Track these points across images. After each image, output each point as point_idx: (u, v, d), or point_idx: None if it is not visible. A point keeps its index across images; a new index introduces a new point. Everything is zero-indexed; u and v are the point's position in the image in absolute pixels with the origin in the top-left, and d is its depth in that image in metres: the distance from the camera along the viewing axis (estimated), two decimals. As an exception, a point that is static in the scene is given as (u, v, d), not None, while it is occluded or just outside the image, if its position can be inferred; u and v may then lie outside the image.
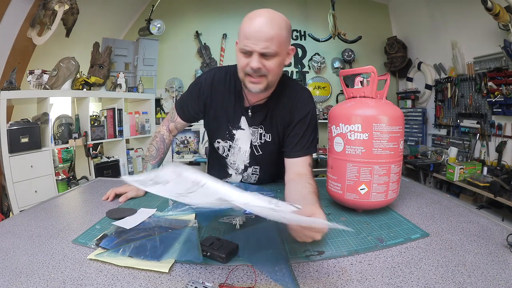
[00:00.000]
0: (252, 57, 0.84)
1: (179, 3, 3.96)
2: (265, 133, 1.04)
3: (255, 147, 1.07)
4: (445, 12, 3.29)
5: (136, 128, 3.35)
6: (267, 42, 0.82)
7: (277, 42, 0.83)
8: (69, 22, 2.71)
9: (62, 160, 2.90)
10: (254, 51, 0.83)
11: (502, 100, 2.59)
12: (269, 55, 0.84)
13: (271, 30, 0.82)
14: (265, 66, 0.85)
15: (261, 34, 0.81)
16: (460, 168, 2.60)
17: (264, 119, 1.02)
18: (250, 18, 0.85)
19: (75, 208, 1.04)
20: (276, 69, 0.87)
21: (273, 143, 1.06)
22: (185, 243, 0.69)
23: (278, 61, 0.87)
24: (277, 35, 0.83)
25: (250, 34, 0.82)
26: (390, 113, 0.84)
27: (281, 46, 0.85)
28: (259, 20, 0.83)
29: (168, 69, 3.93)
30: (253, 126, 1.04)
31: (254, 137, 1.06)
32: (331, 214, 0.90)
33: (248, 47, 0.83)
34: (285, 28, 0.86)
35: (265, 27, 0.82)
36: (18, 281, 0.58)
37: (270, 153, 1.08)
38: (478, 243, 0.70)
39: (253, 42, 0.82)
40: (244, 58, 0.86)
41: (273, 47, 0.83)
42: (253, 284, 0.57)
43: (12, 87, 2.20)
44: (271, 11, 0.86)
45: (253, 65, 0.84)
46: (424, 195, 1.07)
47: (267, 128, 1.04)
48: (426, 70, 3.65)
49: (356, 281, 0.57)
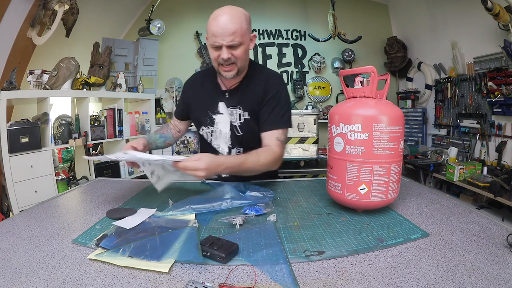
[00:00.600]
0: (221, 50, 1.00)
1: (179, 3, 3.96)
2: (243, 111, 1.15)
3: (236, 128, 1.17)
4: (445, 12, 3.29)
5: (136, 128, 3.35)
6: (232, 36, 0.98)
7: (240, 34, 0.99)
8: (69, 22, 2.71)
9: (62, 160, 2.90)
10: (222, 45, 0.99)
11: (502, 100, 2.59)
12: (235, 46, 1.00)
13: (233, 25, 0.98)
14: (233, 55, 1.02)
15: (226, 30, 0.97)
16: (460, 168, 2.60)
17: (240, 98, 1.15)
18: (214, 17, 0.99)
19: (75, 208, 1.04)
20: (242, 55, 1.04)
21: (252, 121, 1.15)
22: (185, 243, 0.69)
23: (244, 49, 1.03)
24: (238, 28, 0.98)
25: (216, 31, 0.98)
26: (390, 113, 0.84)
27: (244, 36, 1.01)
28: (222, 19, 0.98)
29: (168, 69, 3.94)
30: (232, 106, 1.16)
31: (233, 118, 1.16)
32: (331, 214, 0.90)
33: (217, 43, 0.99)
34: (244, 21, 1.01)
35: (228, 24, 0.97)
36: (18, 281, 0.58)
37: (251, 132, 1.16)
38: (478, 243, 0.70)
39: (220, 38, 0.98)
40: (215, 52, 1.02)
41: (237, 38, 0.99)
42: (253, 284, 0.57)
43: (12, 87, 2.20)
44: (231, 7, 1.01)
45: (224, 56, 1.00)
46: (424, 195, 1.07)
47: (244, 106, 1.15)
48: (426, 70, 3.65)
49: (356, 281, 0.57)
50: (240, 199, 0.98)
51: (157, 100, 3.71)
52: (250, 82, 1.15)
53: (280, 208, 0.95)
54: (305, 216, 0.88)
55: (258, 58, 4.11)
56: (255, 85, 1.14)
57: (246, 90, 1.14)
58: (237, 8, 1.02)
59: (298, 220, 0.85)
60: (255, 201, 0.97)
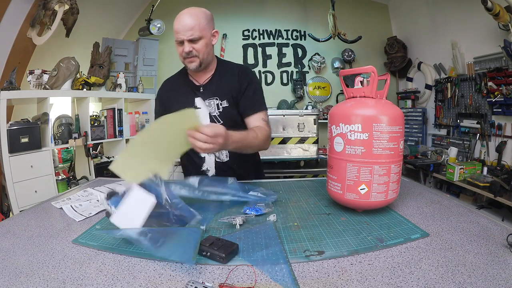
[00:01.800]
0: (184, 44, 1.12)
1: (179, 3, 3.92)
2: (221, 101, 1.22)
3: (216, 118, 1.21)
4: (445, 12, 3.29)
5: (136, 128, 3.35)
6: (191, 31, 1.09)
7: (198, 29, 1.10)
8: (69, 22, 2.71)
9: (62, 160, 2.90)
10: (183, 40, 1.11)
11: (502, 100, 2.59)
12: (195, 39, 1.11)
13: (192, 21, 1.09)
14: (194, 48, 1.13)
15: (185, 27, 1.09)
16: (460, 168, 2.60)
17: (216, 89, 1.23)
18: (177, 17, 1.12)
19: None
20: (203, 48, 1.14)
21: (231, 107, 1.22)
22: (184, 242, 0.69)
23: (204, 43, 1.14)
24: (196, 24, 1.10)
25: (178, 28, 1.10)
26: (390, 113, 0.84)
27: (203, 31, 1.12)
28: (182, 17, 1.11)
29: (168, 69, 3.89)
30: (209, 98, 1.22)
31: (212, 108, 1.22)
32: (331, 214, 0.90)
33: (179, 38, 1.11)
34: (203, 18, 1.13)
35: (187, 21, 1.09)
36: (18, 281, 0.58)
37: (231, 118, 1.21)
38: (478, 243, 0.70)
39: (182, 34, 1.10)
40: (179, 47, 1.14)
41: (196, 33, 1.10)
42: (253, 284, 0.57)
43: (12, 87, 2.20)
44: (192, 8, 1.14)
45: (186, 50, 1.12)
46: (424, 195, 1.07)
47: (221, 96, 1.22)
48: (426, 70, 3.65)
49: (356, 281, 0.57)
50: (241, 198, 0.98)
51: (157, 100, 3.70)
52: (222, 75, 1.25)
53: (280, 208, 0.95)
54: (305, 216, 0.88)
55: (258, 58, 4.11)
56: (228, 76, 1.25)
57: (220, 81, 1.24)
58: (198, 8, 1.15)
59: (298, 220, 0.85)
60: (256, 200, 0.97)
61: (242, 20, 4.07)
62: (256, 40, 4.11)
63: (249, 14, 4.02)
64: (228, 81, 1.23)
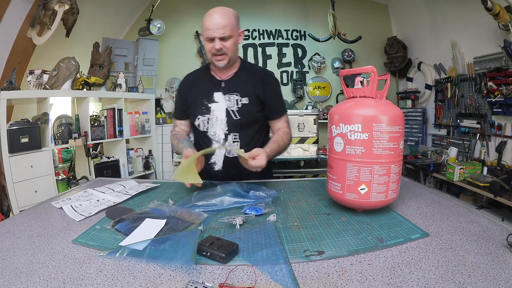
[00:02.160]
0: (214, 41, 1.16)
1: (179, 3, 3.96)
2: (241, 97, 1.25)
3: (233, 112, 1.24)
4: (445, 12, 3.29)
5: (136, 128, 3.35)
6: (223, 29, 1.14)
7: (229, 28, 1.15)
8: (69, 22, 2.71)
9: (62, 160, 2.90)
10: (215, 37, 1.14)
11: (502, 100, 2.59)
12: (226, 38, 1.16)
13: (224, 20, 1.14)
14: (224, 46, 1.16)
15: (218, 24, 1.13)
16: (460, 168, 2.60)
17: (238, 86, 1.26)
18: (208, 15, 1.16)
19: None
20: (232, 47, 1.19)
21: (251, 105, 1.25)
22: (183, 245, 0.69)
23: (233, 41, 1.18)
24: (228, 23, 1.14)
25: (210, 25, 1.14)
26: (390, 113, 0.84)
27: (233, 30, 1.17)
28: (215, 15, 1.15)
29: (168, 69, 3.93)
30: (229, 93, 1.25)
31: (231, 103, 1.25)
32: (331, 214, 0.90)
33: (211, 35, 1.15)
34: (233, 18, 1.18)
35: (220, 19, 1.14)
36: (18, 281, 0.58)
37: (250, 115, 1.25)
38: (478, 243, 0.70)
39: (213, 31, 1.14)
40: (209, 44, 1.18)
41: (228, 32, 1.14)
42: (253, 284, 0.57)
43: (12, 87, 2.20)
44: (222, 7, 1.18)
45: (216, 47, 1.16)
46: (424, 195, 1.07)
47: (242, 92, 1.25)
48: (426, 70, 3.65)
49: (356, 281, 0.57)
50: (242, 198, 0.98)
51: (157, 100, 3.70)
52: (245, 74, 1.29)
53: (280, 208, 0.95)
54: (305, 216, 0.88)
55: (258, 58, 4.11)
56: (251, 76, 1.29)
57: (242, 79, 1.28)
58: (228, 8, 1.19)
59: (298, 220, 0.85)
60: (257, 200, 0.97)
61: (242, 20, 4.01)
62: (256, 40, 4.11)
63: (249, 14, 4.02)
64: (251, 81, 1.27)
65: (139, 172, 3.36)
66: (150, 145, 3.56)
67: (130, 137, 3.32)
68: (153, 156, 3.54)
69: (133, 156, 3.31)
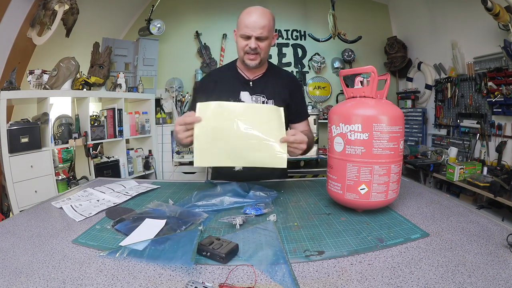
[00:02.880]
0: (250, 40, 1.15)
1: (179, 3, 3.96)
2: (267, 100, 1.26)
3: None
4: (445, 12, 3.29)
5: (136, 128, 3.35)
6: (261, 29, 1.13)
7: (267, 30, 1.14)
8: (69, 22, 2.71)
9: (62, 160, 2.90)
10: (252, 35, 1.13)
11: (502, 100, 2.59)
12: (262, 38, 1.15)
13: (263, 21, 1.13)
14: (259, 46, 1.16)
15: (257, 24, 1.12)
16: (460, 168, 2.60)
17: (265, 87, 1.27)
18: (248, 12, 1.15)
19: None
20: (266, 48, 1.19)
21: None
22: (182, 247, 0.68)
23: (268, 43, 1.19)
24: (267, 24, 1.14)
25: (249, 23, 1.13)
26: (390, 113, 0.84)
27: (270, 32, 1.17)
28: (255, 14, 1.13)
29: (168, 69, 3.93)
30: (256, 94, 1.26)
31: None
32: (331, 214, 0.90)
33: (248, 33, 1.13)
34: (272, 20, 1.17)
35: (259, 19, 1.13)
36: (18, 281, 0.58)
37: None
38: (478, 243, 0.70)
39: (252, 29, 1.13)
40: (244, 41, 1.16)
41: (265, 33, 1.14)
42: (253, 284, 0.57)
43: (12, 87, 2.20)
44: (261, 7, 1.17)
45: (252, 46, 1.15)
46: (424, 195, 1.07)
47: (269, 95, 1.26)
48: (426, 70, 3.65)
49: (356, 281, 0.57)
50: (242, 198, 0.98)
51: (157, 100, 3.70)
52: (273, 76, 1.30)
53: (280, 208, 0.95)
54: (305, 216, 0.88)
55: (258, 58, 4.11)
56: (279, 79, 1.30)
57: (269, 82, 1.28)
58: (266, 9, 1.19)
59: (298, 220, 0.85)
60: (257, 200, 0.97)
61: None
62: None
63: (249, 14, 4.01)
64: (278, 84, 1.28)
65: (139, 172, 3.36)
66: (150, 145, 3.56)
67: (130, 137, 3.31)
68: (153, 156, 3.54)
69: (133, 156, 3.31)
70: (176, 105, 3.77)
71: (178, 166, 3.61)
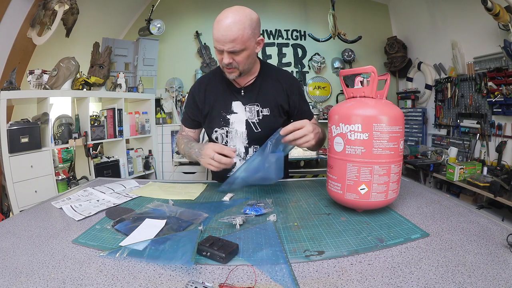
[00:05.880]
0: (223, 54, 1.00)
1: (179, 3, 3.96)
2: (262, 108, 1.16)
3: (254, 125, 1.17)
4: (445, 12, 3.29)
5: (136, 128, 3.35)
6: (232, 43, 0.97)
7: (241, 41, 0.97)
8: (69, 22, 2.71)
9: (62, 160, 2.90)
10: (223, 50, 0.99)
11: (502, 100, 2.59)
12: (236, 51, 0.99)
13: (234, 32, 0.95)
14: (234, 60, 1.02)
15: (226, 37, 0.96)
16: (460, 168, 2.60)
17: (258, 94, 1.16)
18: (217, 22, 0.97)
19: (75, 208, 1.04)
20: (244, 60, 1.04)
21: (273, 116, 1.17)
22: (182, 247, 0.69)
23: (246, 54, 1.02)
24: (240, 35, 0.96)
25: (218, 37, 0.97)
26: (390, 113, 0.84)
27: (246, 42, 0.99)
28: (224, 24, 0.95)
29: (168, 69, 3.94)
30: (249, 104, 1.16)
31: (251, 115, 1.16)
32: (331, 214, 0.90)
33: (219, 47, 0.99)
34: (248, 26, 0.98)
35: (228, 31, 0.95)
36: (18, 281, 0.58)
37: (271, 127, 1.11)
38: (478, 243, 0.70)
39: (221, 44, 0.98)
40: (219, 55, 1.03)
41: (238, 45, 0.98)
42: (253, 284, 0.57)
43: (12, 87, 2.20)
44: (236, 11, 0.98)
45: (225, 61, 1.01)
46: (424, 195, 1.07)
47: (263, 102, 1.16)
48: (426, 70, 3.65)
49: (356, 281, 0.57)
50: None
51: (157, 100, 3.71)
52: (265, 80, 1.18)
53: (280, 208, 0.95)
54: (305, 216, 0.88)
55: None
56: (272, 82, 1.18)
57: (262, 87, 1.17)
58: (242, 11, 0.98)
59: (298, 220, 0.85)
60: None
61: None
62: (256, 40, 4.11)
63: (249, 14, 4.01)
64: (272, 87, 1.17)
65: (139, 172, 3.36)
66: (150, 145, 3.56)
67: (130, 137, 3.32)
68: (153, 156, 3.54)
69: (133, 156, 3.31)
70: (176, 105, 3.77)
71: (178, 166, 3.61)
